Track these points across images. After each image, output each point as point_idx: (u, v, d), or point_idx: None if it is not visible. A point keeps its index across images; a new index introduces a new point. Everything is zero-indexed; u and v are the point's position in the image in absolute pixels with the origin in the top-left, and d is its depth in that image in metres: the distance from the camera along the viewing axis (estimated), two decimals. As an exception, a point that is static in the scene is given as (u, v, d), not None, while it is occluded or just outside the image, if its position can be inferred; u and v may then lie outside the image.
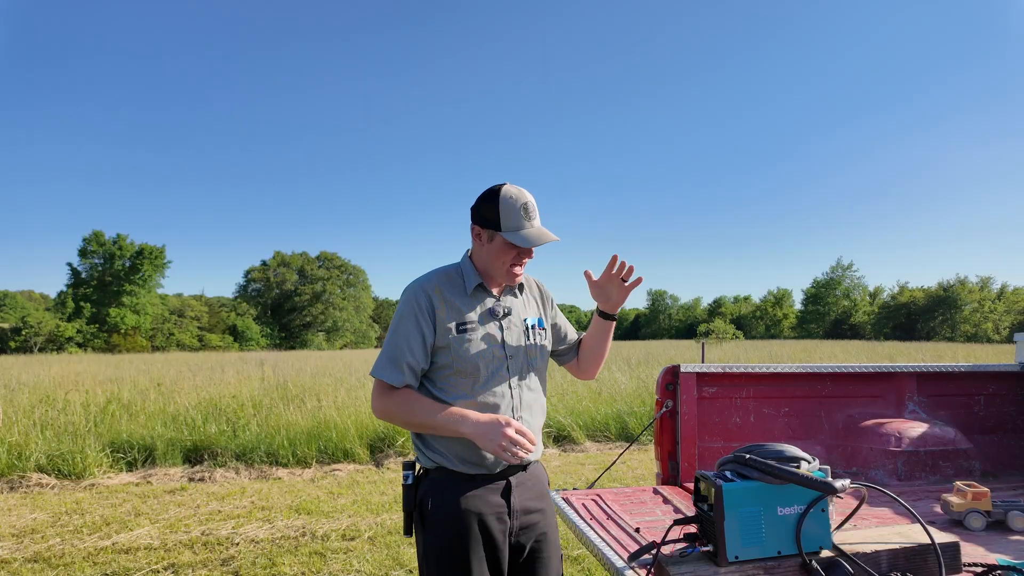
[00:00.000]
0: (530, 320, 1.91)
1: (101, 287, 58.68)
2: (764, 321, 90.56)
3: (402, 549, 4.32)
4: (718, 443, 3.23)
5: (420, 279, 1.85)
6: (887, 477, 3.15)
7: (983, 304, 69.23)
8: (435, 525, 1.74)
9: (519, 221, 1.75)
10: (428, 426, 1.73)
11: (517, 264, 1.82)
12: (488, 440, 1.65)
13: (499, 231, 1.76)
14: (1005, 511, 2.38)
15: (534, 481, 1.88)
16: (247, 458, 7.15)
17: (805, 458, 1.62)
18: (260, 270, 72.44)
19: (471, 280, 1.84)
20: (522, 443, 1.66)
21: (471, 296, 1.84)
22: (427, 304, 1.78)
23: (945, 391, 3.54)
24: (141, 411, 8.50)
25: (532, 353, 1.89)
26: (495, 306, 1.86)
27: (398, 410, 1.76)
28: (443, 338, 1.77)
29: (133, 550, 4.37)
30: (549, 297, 2.07)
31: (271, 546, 4.44)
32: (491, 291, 1.87)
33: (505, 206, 1.75)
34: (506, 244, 1.77)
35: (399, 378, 1.75)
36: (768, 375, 3.35)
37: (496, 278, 1.86)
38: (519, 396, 1.83)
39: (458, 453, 1.76)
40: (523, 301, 1.95)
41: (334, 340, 71.15)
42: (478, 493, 1.75)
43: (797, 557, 1.55)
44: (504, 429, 1.65)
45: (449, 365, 1.77)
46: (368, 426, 7.85)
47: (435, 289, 1.81)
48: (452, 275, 1.87)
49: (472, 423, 1.68)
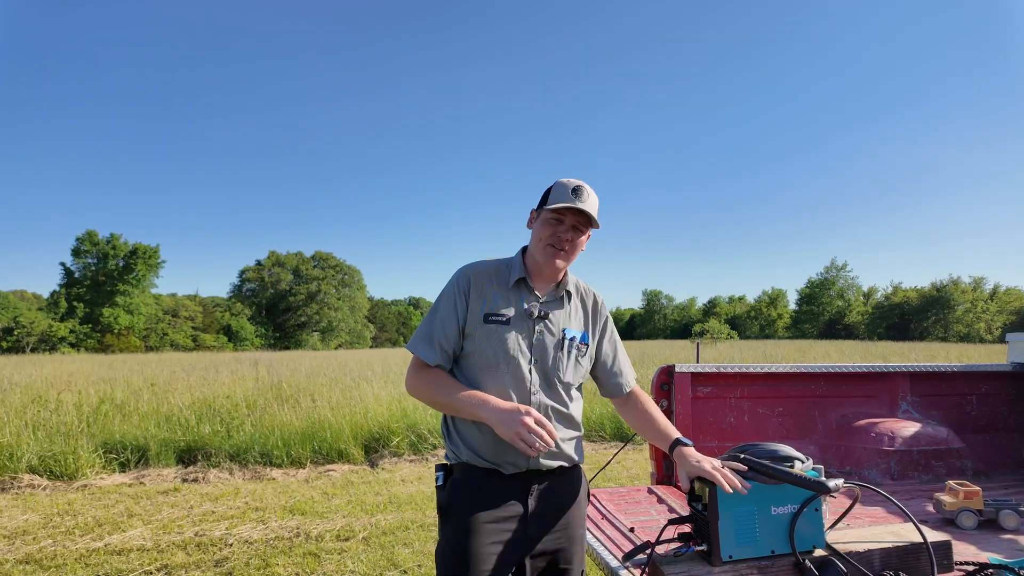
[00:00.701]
0: (571, 332, 1.84)
1: (94, 287, 58.37)
2: (759, 321, 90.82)
3: (396, 550, 4.31)
4: (713, 443, 3.23)
5: (470, 263, 1.87)
6: (880, 476, 3.17)
7: (976, 304, 69.60)
8: (449, 521, 1.73)
9: (565, 196, 1.75)
10: (450, 407, 1.72)
11: (555, 242, 1.78)
12: (505, 426, 1.61)
13: (545, 207, 1.78)
14: (997, 510, 2.39)
15: (563, 489, 1.81)
16: (241, 459, 7.12)
17: (799, 458, 1.63)
18: (255, 270, 72.17)
19: (515, 273, 1.83)
20: (540, 434, 1.60)
21: (511, 290, 1.81)
22: (465, 287, 1.80)
23: (938, 391, 3.56)
24: (134, 411, 8.45)
25: (562, 367, 1.81)
26: (532, 306, 1.81)
27: (426, 388, 1.76)
28: (471, 325, 1.77)
29: (126, 551, 4.35)
30: (603, 315, 1.97)
31: (265, 547, 4.42)
32: (534, 290, 1.83)
33: (558, 187, 1.78)
34: (547, 216, 1.78)
35: (432, 356, 1.77)
36: (762, 375, 3.36)
37: (538, 259, 1.82)
38: (538, 402, 1.76)
39: (476, 446, 1.74)
40: (568, 311, 1.87)
41: (329, 340, 70.97)
42: (495, 493, 1.73)
43: (791, 556, 1.55)
44: (523, 417, 1.60)
45: (472, 354, 1.77)
46: (363, 426, 7.83)
47: (477, 275, 1.82)
48: (501, 267, 1.87)
49: (491, 408, 1.65)
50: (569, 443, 1.82)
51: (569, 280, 1.90)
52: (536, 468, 1.76)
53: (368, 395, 9.51)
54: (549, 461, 1.77)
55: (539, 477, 1.77)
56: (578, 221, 1.78)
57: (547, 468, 1.78)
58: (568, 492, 1.83)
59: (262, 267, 72.18)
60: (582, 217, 1.77)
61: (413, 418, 8.09)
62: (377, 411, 8.30)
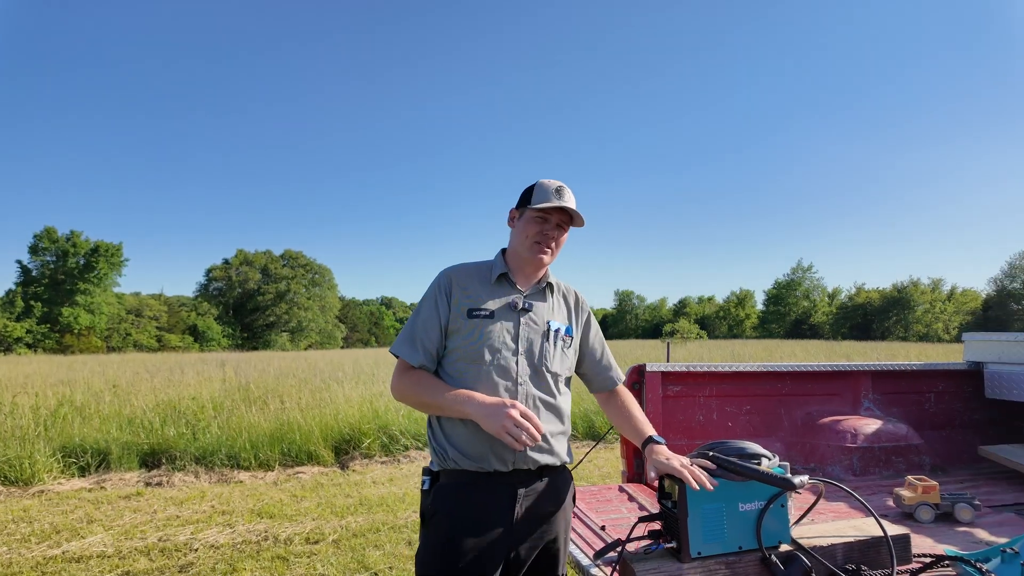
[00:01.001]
0: (555, 324, 1.87)
1: (53, 285, 56.44)
2: (727, 321, 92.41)
3: (367, 552, 4.27)
4: (683, 440, 3.28)
5: (451, 266, 1.91)
6: (843, 472, 3.25)
7: (934, 305, 72.00)
8: (432, 526, 1.72)
9: (548, 196, 1.82)
10: (437, 406, 1.73)
11: (542, 239, 1.83)
12: (491, 420, 1.62)
13: (529, 206, 1.83)
14: (952, 504, 2.47)
15: (550, 491, 1.80)
16: (207, 461, 6.97)
17: (766, 455, 1.66)
18: (222, 268, 70.66)
19: (496, 270, 1.87)
20: (527, 427, 1.60)
21: (493, 285, 1.85)
22: (447, 287, 1.83)
23: (898, 389, 3.67)
24: (95, 414, 8.19)
25: (549, 356, 1.83)
26: (516, 299, 1.84)
27: (411, 390, 1.77)
28: (455, 322, 1.79)
29: (85, 558, 4.21)
30: (585, 310, 2.01)
31: (232, 551, 4.33)
32: (516, 285, 1.87)
33: (540, 187, 1.84)
34: (532, 215, 1.83)
35: (415, 356, 1.78)
36: (731, 374, 3.42)
37: (522, 256, 1.86)
38: (525, 394, 1.77)
39: (462, 446, 1.73)
40: (551, 304, 1.90)
41: (299, 340, 69.88)
42: (480, 498, 1.71)
43: (758, 552, 1.58)
44: (508, 410, 1.61)
45: (457, 350, 1.78)
46: (333, 428, 7.74)
47: (459, 275, 1.86)
48: (482, 267, 1.91)
49: (477, 403, 1.66)
50: (558, 438, 1.81)
51: (549, 275, 1.94)
52: (524, 465, 1.74)
53: (339, 396, 9.39)
54: (536, 455, 1.75)
55: (527, 479, 1.75)
56: (562, 220, 1.86)
57: (535, 465, 1.76)
58: (556, 497, 1.81)
59: (229, 266, 70.68)
60: (565, 215, 1.86)
61: (385, 419, 8.02)
62: (348, 412, 8.20)
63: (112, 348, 54.24)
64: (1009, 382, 3.47)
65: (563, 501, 1.83)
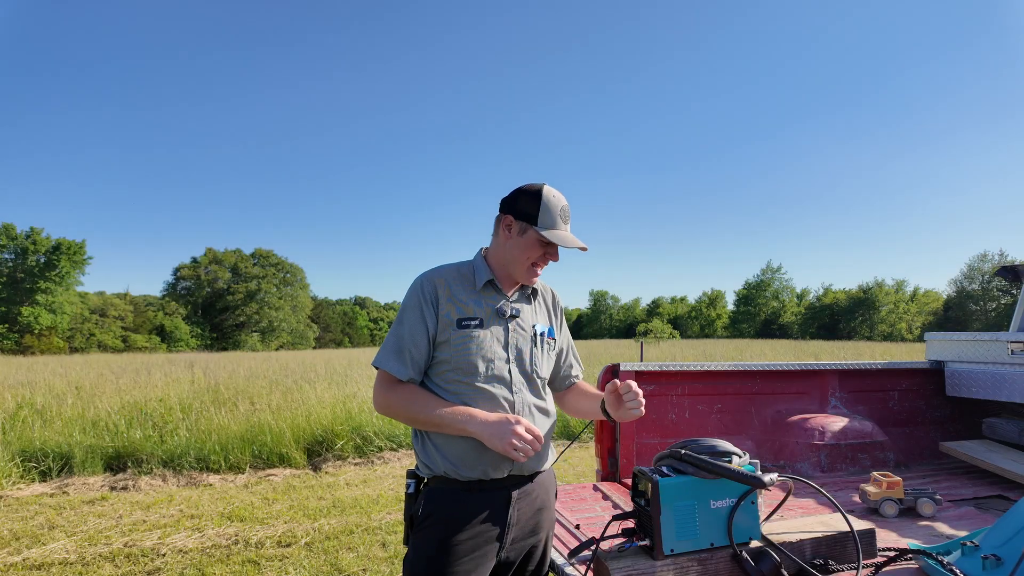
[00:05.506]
0: (540, 327, 1.84)
1: (12, 284, 54.59)
2: (699, 321, 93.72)
3: (341, 554, 4.22)
4: (655, 439, 3.31)
5: (429, 270, 1.80)
6: (812, 469, 3.32)
7: (898, 305, 74.09)
8: (423, 532, 1.67)
9: (556, 221, 1.74)
10: (433, 423, 1.66)
11: (541, 264, 1.79)
12: (497, 439, 1.59)
13: (534, 226, 1.72)
14: (916, 498, 2.55)
15: (539, 492, 1.79)
16: (175, 464, 6.81)
17: (736, 453, 1.69)
18: (190, 267, 69.17)
19: (481, 276, 1.78)
20: (531, 442, 1.60)
21: (479, 292, 1.77)
22: (432, 295, 1.73)
23: (864, 387, 3.77)
24: (57, 417, 7.96)
25: (538, 360, 1.81)
26: (503, 306, 1.78)
27: (401, 406, 1.69)
28: (444, 332, 1.71)
29: (47, 566, 4.09)
30: (561, 308, 1.99)
31: (201, 556, 4.24)
32: (502, 290, 1.81)
33: (547, 203, 1.73)
34: (538, 240, 1.74)
35: (403, 371, 1.70)
36: (702, 373, 3.47)
37: (514, 275, 1.80)
38: (521, 401, 1.74)
39: (458, 456, 1.67)
40: (535, 308, 1.87)
41: (269, 341, 68.77)
42: (473, 504, 1.67)
43: (729, 548, 1.61)
44: (514, 427, 1.59)
45: (448, 361, 1.71)
46: (305, 430, 7.63)
47: (442, 281, 1.76)
48: (463, 270, 1.81)
49: (480, 422, 1.62)
50: (549, 441, 1.82)
51: None
52: (519, 472, 1.73)
53: (311, 397, 9.27)
54: (534, 463, 1.75)
55: (520, 482, 1.74)
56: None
57: (531, 471, 1.75)
58: (545, 497, 1.82)
59: (198, 264, 69.24)
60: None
61: (359, 420, 7.94)
62: (320, 413, 8.10)
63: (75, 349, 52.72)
64: (968, 380, 3.59)
65: (551, 500, 1.84)
